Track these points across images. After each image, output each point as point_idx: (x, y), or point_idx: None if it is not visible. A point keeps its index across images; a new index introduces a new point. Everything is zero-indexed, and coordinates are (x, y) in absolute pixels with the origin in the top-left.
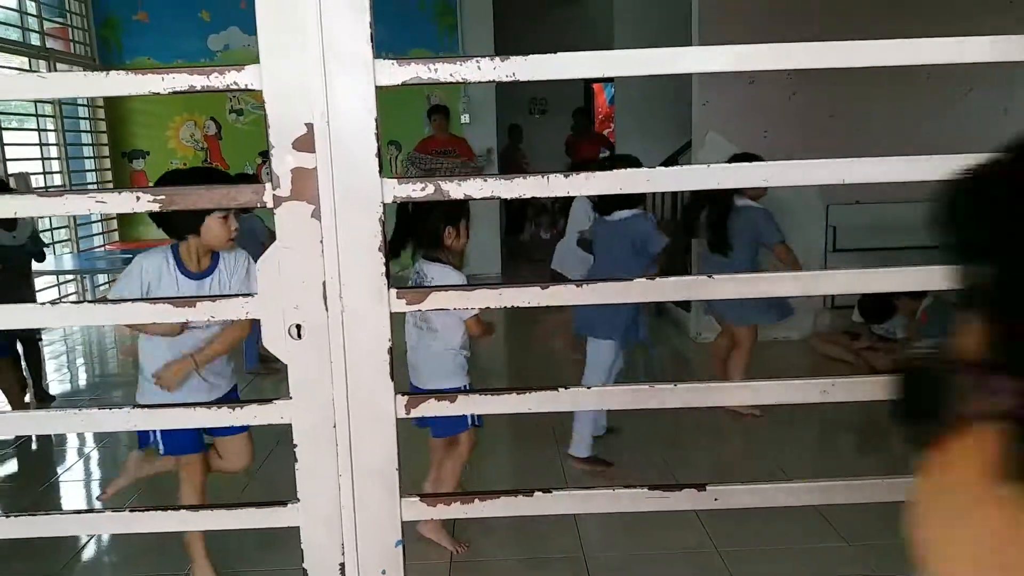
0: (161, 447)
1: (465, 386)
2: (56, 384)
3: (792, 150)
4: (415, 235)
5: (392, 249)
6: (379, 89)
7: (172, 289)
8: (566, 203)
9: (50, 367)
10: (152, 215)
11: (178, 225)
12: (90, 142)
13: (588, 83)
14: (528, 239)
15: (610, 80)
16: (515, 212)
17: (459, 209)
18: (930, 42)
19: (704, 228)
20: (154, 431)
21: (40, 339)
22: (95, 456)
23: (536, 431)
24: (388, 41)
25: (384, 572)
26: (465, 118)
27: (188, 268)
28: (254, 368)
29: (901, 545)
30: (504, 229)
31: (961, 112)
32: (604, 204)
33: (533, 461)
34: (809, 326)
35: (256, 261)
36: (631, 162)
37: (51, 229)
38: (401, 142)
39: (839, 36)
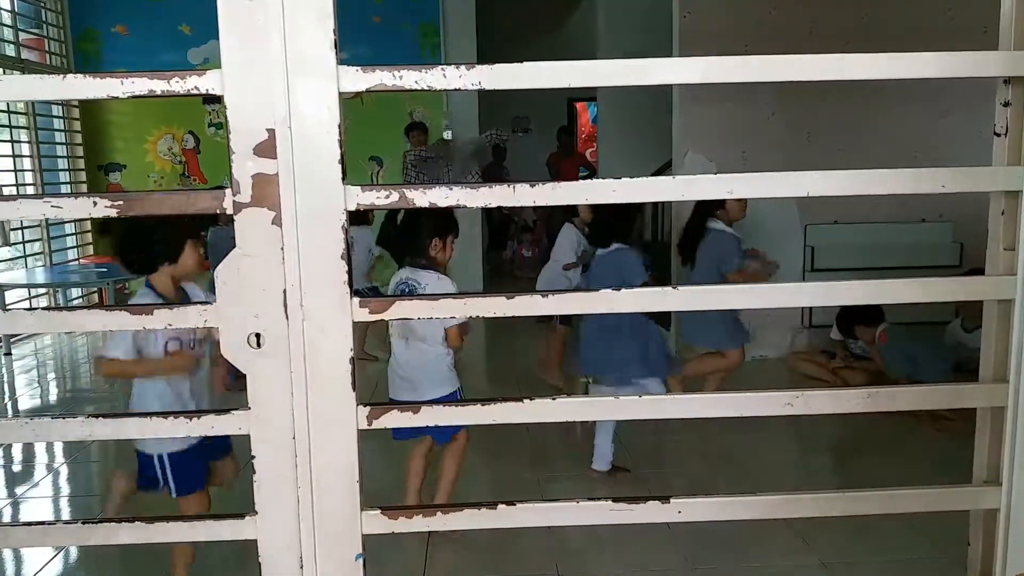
0: (174, 491)
1: (459, 389)
2: (26, 399)
3: (771, 169)
4: (399, 244)
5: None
6: (343, 95)
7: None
8: (549, 221)
9: (20, 382)
10: (123, 253)
11: (155, 254)
12: (65, 154)
13: (571, 101)
14: (510, 256)
15: (592, 99)
16: (497, 229)
17: (448, 222)
18: (897, 57)
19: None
20: (164, 475)
21: None
22: (63, 472)
23: (510, 448)
24: (370, 60)
25: None
26: (447, 135)
27: (168, 300)
28: (232, 386)
29: (874, 561)
30: (486, 246)
31: (936, 136)
32: (597, 236)
33: (506, 478)
34: (786, 345)
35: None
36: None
37: (24, 242)
38: (383, 158)
39: None
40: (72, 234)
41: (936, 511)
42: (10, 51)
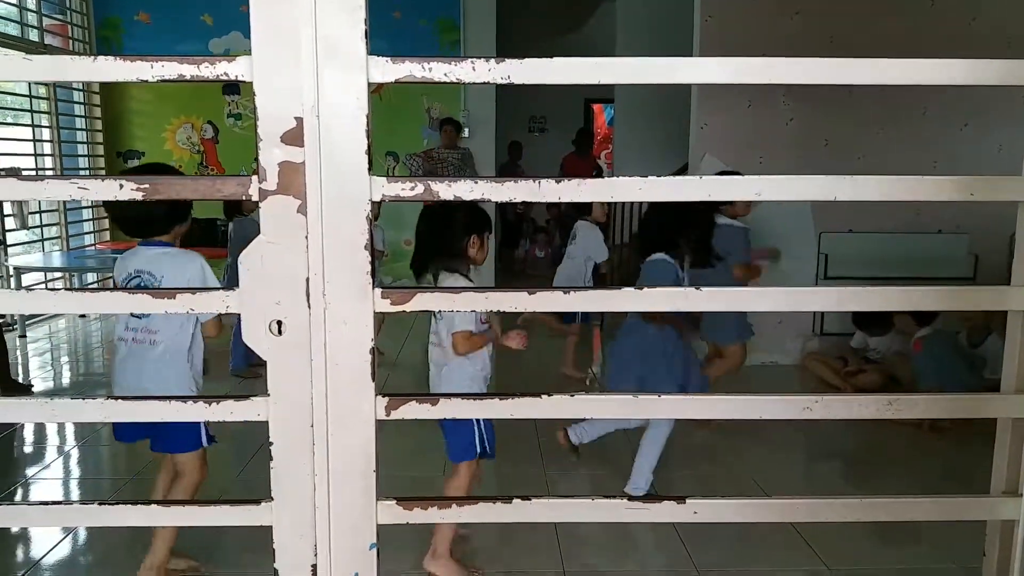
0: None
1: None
2: (39, 382)
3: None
4: (437, 246)
5: (419, 265)
6: (371, 85)
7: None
8: (562, 221)
9: (33, 364)
10: (122, 215)
11: (156, 217)
12: (85, 140)
13: (588, 103)
14: (523, 255)
15: (609, 100)
16: (511, 228)
17: (483, 219)
18: (921, 63)
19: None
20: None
21: (11, 327)
22: (74, 455)
23: (517, 445)
24: (389, 54)
25: (357, 575)
26: (465, 132)
27: None
28: (240, 371)
29: (883, 569)
30: (498, 245)
31: (956, 147)
32: (643, 247)
33: (519, 477)
34: (798, 352)
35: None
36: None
37: (41, 226)
38: (399, 153)
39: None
40: (89, 220)
41: (948, 520)
42: (34, 36)
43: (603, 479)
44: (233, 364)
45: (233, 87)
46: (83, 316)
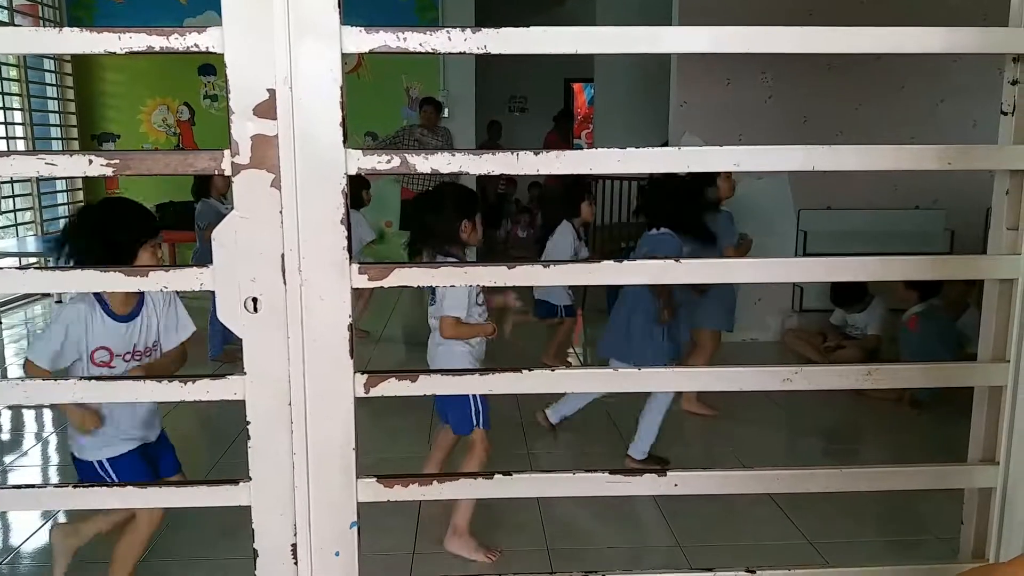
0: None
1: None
2: (15, 368)
3: None
4: (430, 230)
5: (414, 248)
6: (347, 58)
7: (101, 334)
8: (544, 201)
9: (9, 351)
10: (76, 254)
11: (104, 260)
12: (58, 123)
13: (568, 82)
14: (504, 236)
15: (589, 80)
16: (492, 208)
17: (474, 202)
18: (899, 31)
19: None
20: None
21: None
22: (52, 440)
23: (506, 426)
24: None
25: (338, 554)
26: (445, 112)
27: (114, 311)
28: (218, 356)
29: (862, 540)
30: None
31: (932, 123)
32: (647, 215)
33: (502, 457)
34: (778, 328)
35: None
36: None
37: (15, 211)
38: (378, 133)
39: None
40: (64, 204)
41: (926, 490)
42: (3, 16)
43: (586, 456)
44: (211, 351)
45: (209, 67)
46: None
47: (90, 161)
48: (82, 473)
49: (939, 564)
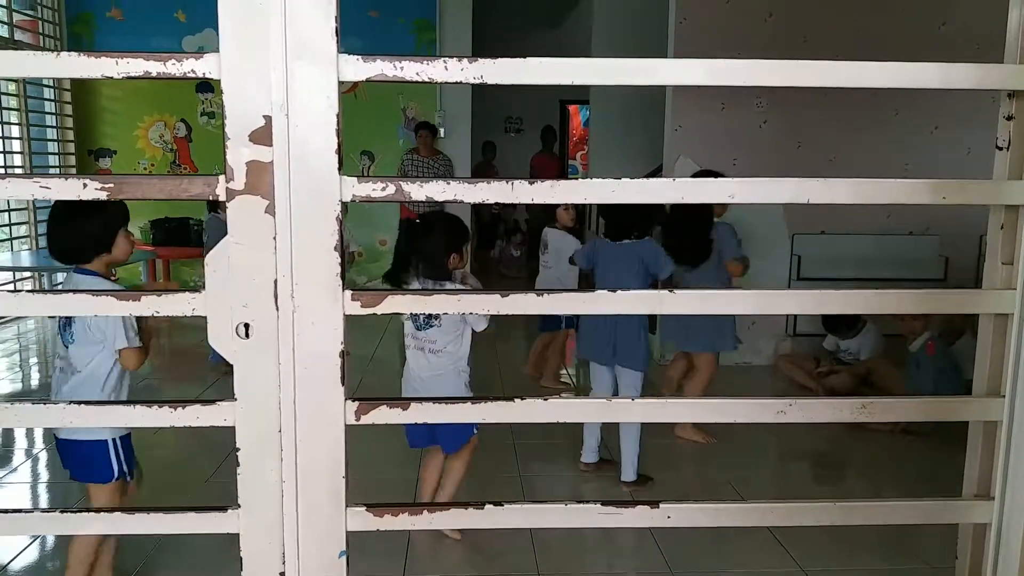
0: (129, 474)
1: None
2: (7, 383)
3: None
4: (420, 259)
5: (395, 277)
6: (344, 84)
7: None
8: (537, 224)
9: (1, 366)
10: (54, 244)
11: (89, 247)
12: (56, 138)
13: (564, 104)
14: (498, 255)
15: (585, 102)
16: (486, 228)
17: (464, 235)
18: (896, 66)
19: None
20: (119, 460)
21: None
22: (42, 457)
23: (493, 445)
24: (365, 53)
25: None
26: (441, 133)
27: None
28: (219, 362)
29: (856, 570)
30: (474, 245)
31: (926, 150)
32: (614, 231)
33: (489, 475)
34: (771, 352)
35: None
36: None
37: (10, 225)
38: (374, 152)
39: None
40: None
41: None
42: (3, 31)
43: (579, 476)
44: (212, 356)
45: (206, 85)
46: (52, 316)
47: (84, 185)
48: (81, 456)
49: None
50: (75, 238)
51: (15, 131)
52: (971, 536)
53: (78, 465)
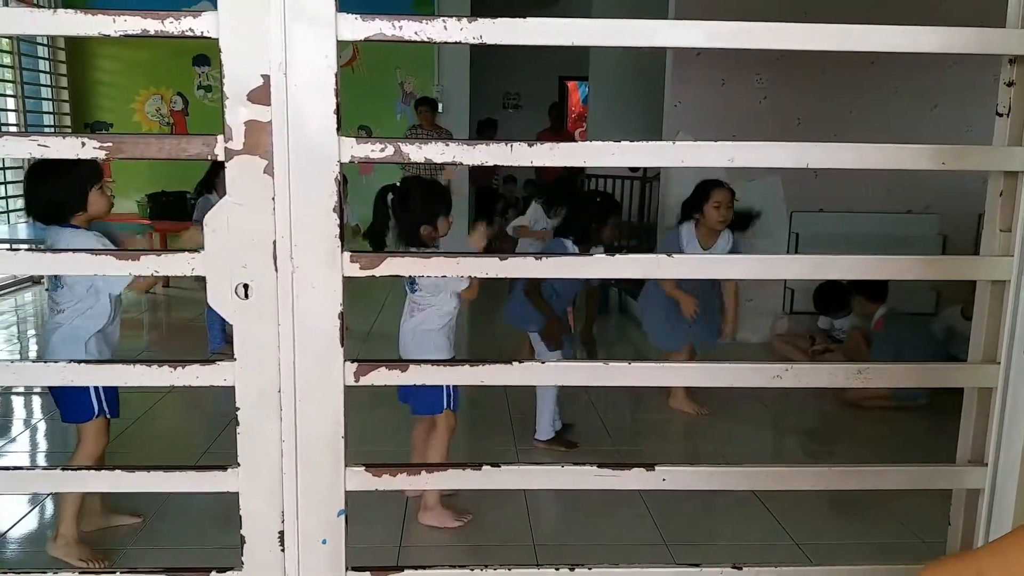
0: (108, 411)
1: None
2: (4, 354)
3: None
4: (396, 226)
5: (377, 240)
6: (341, 43)
7: None
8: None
9: (0, 337)
10: (31, 207)
11: (64, 207)
12: (51, 111)
13: (562, 80)
14: (496, 231)
15: (584, 78)
16: (484, 204)
17: (441, 205)
18: (897, 29)
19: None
20: (99, 399)
21: None
22: (40, 427)
23: (493, 421)
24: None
25: (325, 542)
26: (440, 108)
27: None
28: (219, 349)
29: (849, 543)
30: (471, 219)
31: (926, 127)
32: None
33: (489, 448)
34: (768, 330)
35: None
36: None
37: (7, 197)
38: (372, 128)
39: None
40: None
41: (912, 494)
42: None
43: (576, 452)
44: (212, 344)
45: (204, 58)
46: (48, 289)
47: (83, 144)
48: (66, 397)
49: (925, 564)
50: (50, 199)
51: (11, 103)
52: (964, 502)
53: (64, 406)
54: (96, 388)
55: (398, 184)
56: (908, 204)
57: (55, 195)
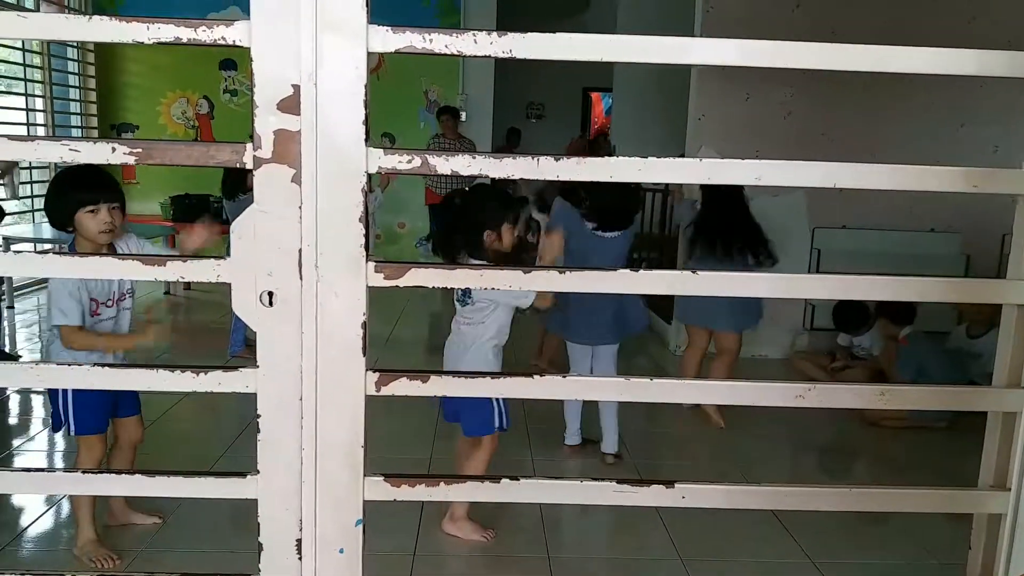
0: (73, 428)
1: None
2: (26, 353)
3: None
4: (459, 236)
5: (445, 251)
6: (371, 55)
7: (91, 285)
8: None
9: (20, 336)
10: (52, 218)
11: (55, 221)
12: (79, 111)
13: (586, 91)
14: (516, 240)
15: (608, 89)
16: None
17: (502, 211)
18: (929, 51)
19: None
20: (65, 411)
21: None
22: None
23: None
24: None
25: (342, 551)
26: (463, 117)
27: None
28: (239, 353)
29: (865, 563)
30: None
31: (952, 146)
32: (602, 220)
33: (506, 459)
34: (788, 346)
35: None
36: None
37: (32, 196)
38: (395, 135)
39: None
40: None
41: (931, 517)
42: (29, 3)
43: (591, 461)
44: (232, 348)
45: (230, 62)
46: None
47: (113, 149)
48: (52, 403)
49: None
50: (69, 207)
51: (39, 103)
52: (986, 527)
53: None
54: (103, 402)
55: (467, 189)
56: (931, 222)
57: (77, 201)
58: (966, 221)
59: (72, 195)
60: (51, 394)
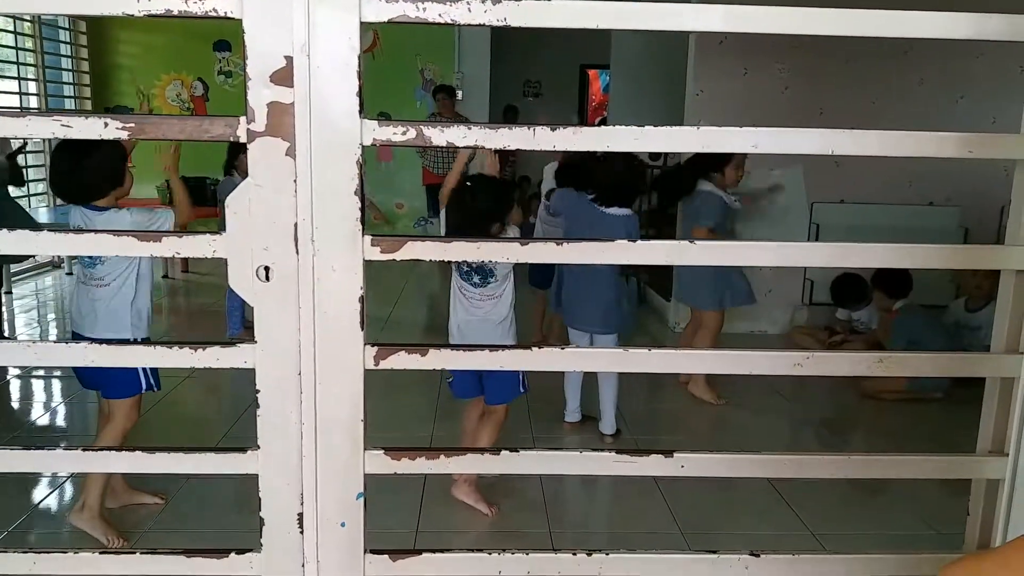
0: (145, 384)
1: None
2: (24, 337)
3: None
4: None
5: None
6: (364, 25)
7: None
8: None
9: (19, 321)
10: (65, 187)
11: (103, 183)
12: (72, 95)
13: (583, 68)
14: (523, 221)
15: (606, 66)
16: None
17: (502, 204)
18: (926, 15)
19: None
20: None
21: None
22: (60, 411)
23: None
24: None
25: (343, 525)
26: (459, 95)
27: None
28: (238, 335)
29: (865, 534)
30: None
31: (950, 119)
32: (602, 192)
33: (506, 439)
34: (787, 321)
35: None
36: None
37: (27, 181)
38: (392, 114)
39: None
40: None
41: (929, 487)
42: None
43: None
44: (230, 329)
45: (224, 43)
46: (70, 274)
47: (105, 124)
48: (120, 381)
49: (943, 554)
50: (91, 175)
51: (32, 87)
52: (984, 492)
53: (110, 382)
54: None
55: (467, 183)
56: (929, 196)
57: (98, 170)
58: (964, 194)
59: (119, 148)
60: (122, 375)
